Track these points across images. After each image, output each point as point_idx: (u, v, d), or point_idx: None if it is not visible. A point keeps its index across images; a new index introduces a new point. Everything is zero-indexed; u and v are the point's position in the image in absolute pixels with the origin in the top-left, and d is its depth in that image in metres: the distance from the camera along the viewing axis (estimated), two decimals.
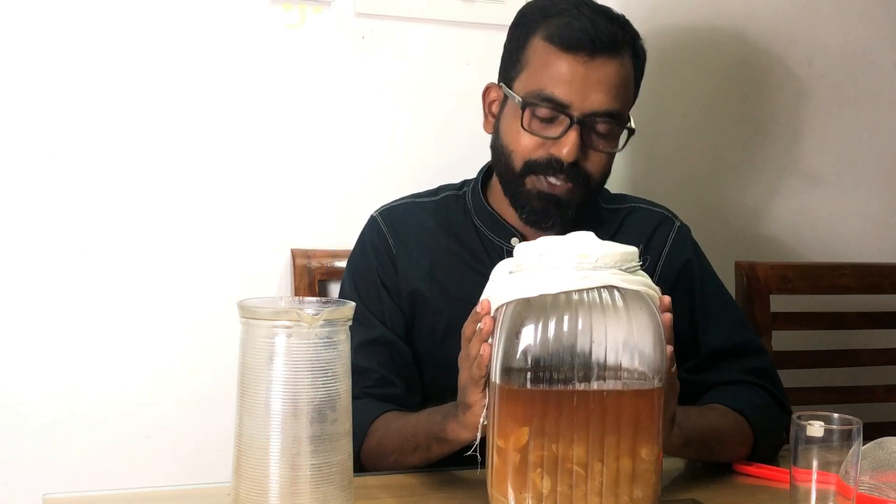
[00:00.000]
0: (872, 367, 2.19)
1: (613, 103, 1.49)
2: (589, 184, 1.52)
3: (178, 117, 1.83)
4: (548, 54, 1.49)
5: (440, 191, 1.66)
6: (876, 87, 2.30)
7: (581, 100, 1.47)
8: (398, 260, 1.58)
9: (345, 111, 1.92)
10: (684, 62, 2.15)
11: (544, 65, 1.49)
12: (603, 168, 1.53)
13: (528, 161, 1.50)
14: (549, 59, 1.49)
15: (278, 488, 1.08)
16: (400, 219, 1.62)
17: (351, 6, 1.90)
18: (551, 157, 1.49)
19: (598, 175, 1.53)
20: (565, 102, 1.47)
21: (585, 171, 1.51)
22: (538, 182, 1.50)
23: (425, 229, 1.61)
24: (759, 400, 1.52)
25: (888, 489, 1.24)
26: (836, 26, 2.25)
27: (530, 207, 1.52)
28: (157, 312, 1.84)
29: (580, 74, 1.47)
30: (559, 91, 1.47)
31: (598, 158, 1.51)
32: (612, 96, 1.48)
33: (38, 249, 1.77)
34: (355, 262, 1.62)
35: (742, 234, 2.22)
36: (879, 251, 2.32)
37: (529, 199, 1.51)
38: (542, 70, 1.49)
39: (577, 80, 1.47)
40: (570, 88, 1.47)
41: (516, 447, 1.13)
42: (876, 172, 2.32)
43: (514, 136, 1.51)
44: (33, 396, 1.78)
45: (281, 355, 1.08)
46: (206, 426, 1.85)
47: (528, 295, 1.14)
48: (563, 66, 1.47)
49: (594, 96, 1.47)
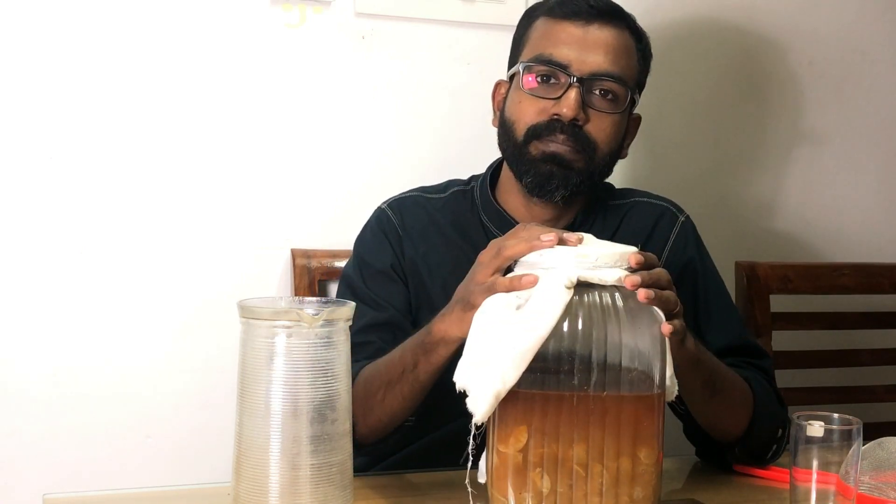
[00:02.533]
0: (872, 367, 2.19)
1: (612, 66, 1.51)
2: (594, 152, 1.52)
3: (178, 118, 1.83)
4: (547, 25, 1.54)
5: (448, 186, 1.66)
6: (876, 86, 2.30)
7: (580, 61, 1.50)
8: (406, 251, 1.58)
9: (345, 111, 1.92)
10: (684, 62, 2.15)
11: (544, 35, 1.54)
12: (607, 136, 1.53)
13: (531, 126, 1.51)
14: (549, 28, 1.54)
15: (278, 488, 1.08)
16: (409, 211, 1.62)
17: (351, 6, 1.90)
18: (553, 119, 1.50)
19: (602, 143, 1.52)
20: (564, 62, 1.50)
21: (589, 136, 1.51)
22: (541, 144, 1.51)
23: (433, 223, 1.61)
24: (763, 384, 1.51)
25: (888, 489, 1.24)
26: (836, 26, 2.25)
27: (534, 171, 1.52)
28: (158, 312, 1.84)
29: (578, 37, 1.51)
30: (558, 53, 1.51)
31: (602, 123, 1.52)
32: (611, 59, 1.51)
33: (38, 249, 1.77)
34: (362, 248, 1.62)
35: (742, 234, 2.22)
36: (879, 251, 2.32)
37: (534, 163, 1.51)
38: (542, 39, 1.54)
39: (576, 42, 1.51)
40: (570, 50, 1.50)
41: (516, 447, 1.13)
42: (876, 172, 2.32)
43: (517, 105, 1.53)
44: (33, 396, 1.78)
45: (281, 355, 1.08)
46: (206, 426, 1.85)
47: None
48: (561, 32, 1.52)
49: (593, 58, 1.50)
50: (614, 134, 1.54)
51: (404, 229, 1.60)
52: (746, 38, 2.19)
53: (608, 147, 1.54)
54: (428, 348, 1.33)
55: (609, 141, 1.53)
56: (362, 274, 1.58)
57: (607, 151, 1.54)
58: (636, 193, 1.67)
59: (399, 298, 1.56)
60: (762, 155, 2.23)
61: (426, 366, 1.34)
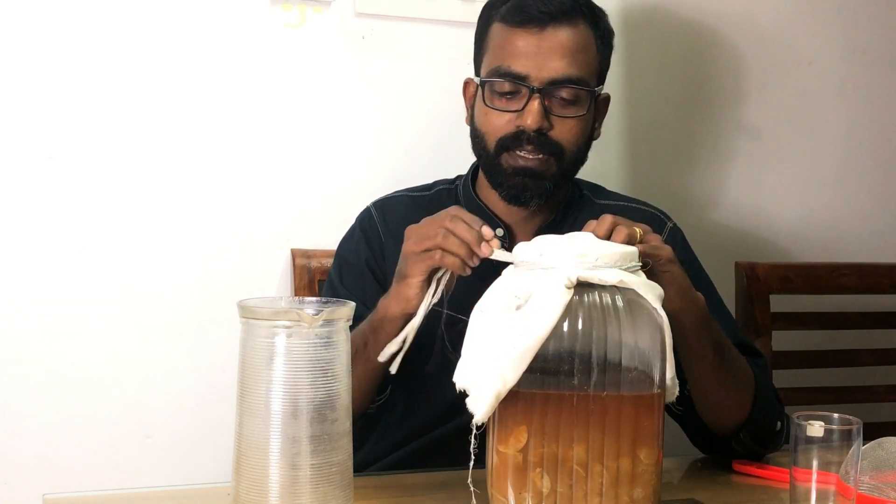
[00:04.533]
0: (872, 367, 2.19)
1: (570, 69, 1.51)
2: (563, 155, 1.54)
3: (178, 117, 1.83)
4: (503, 34, 1.54)
5: (435, 185, 1.70)
6: (876, 86, 2.30)
7: (538, 69, 1.50)
8: (386, 248, 1.60)
9: (345, 111, 1.92)
10: (684, 62, 2.15)
11: (500, 44, 1.54)
12: (574, 137, 1.54)
13: (499, 139, 1.53)
14: (505, 37, 1.54)
15: (278, 488, 1.08)
16: (393, 209, 1.65)
17: (351, 6, 1.90)
18: (518, 130, 1.51)
19: (569, 145, 1.54)
20: (522, 74, 1.51)
21: (555, 140, 1.52)
22: (511, 158, 1.53)
23: (416, 220, 1.62)
24: (761, 374, 1.52)
25: (888, 489, 1.24)
26: (836, 26, 2.25)
27: (507, 184, 1.54)
28: (157, 312, 1.84)
29: (534, 45, 1.51)
30: (516, 64, 1.51)
31: (567, 126, 1.53)
32: (569, 62, 1.51)
33: (38, 249, 1.77)
34: (343, 248, 1.67)
35: (742, 234, 2.22)
36: (879, 251, 2.32)
37: (506, 176, 1.54)
38: (499, 49, 1.54)
39: (531, 51, 1.51)
40: (527, 60, 1.51)
41: (516, 447, 1.13)
42: (876, 172, 2.32)
43: (484, 117, 1.55)
44: (33, 396, 1.78)
45: (281, 355, 1.08)
46: (206, 426, 1.85)
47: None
48: (517, 41, 1.52)
49: (550, 64, 1.50)
50: (581, 132, 1.56)
51: (386, 227, 1.63)
52: (746, 38, 2.19)
53: (576, 146, 1.55)
54: (375, 326, 1.39)
55: (576, 140, 1.55)
56: (340, 272, 1.63)
57: (576, 150, 1.56)
58: (626, 199, 1.69)
59: (374, 297, 1.57)
60: (762, 155, 2.23)
61: (375, 345, 1.38)
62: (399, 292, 1.35)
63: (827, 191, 2.28)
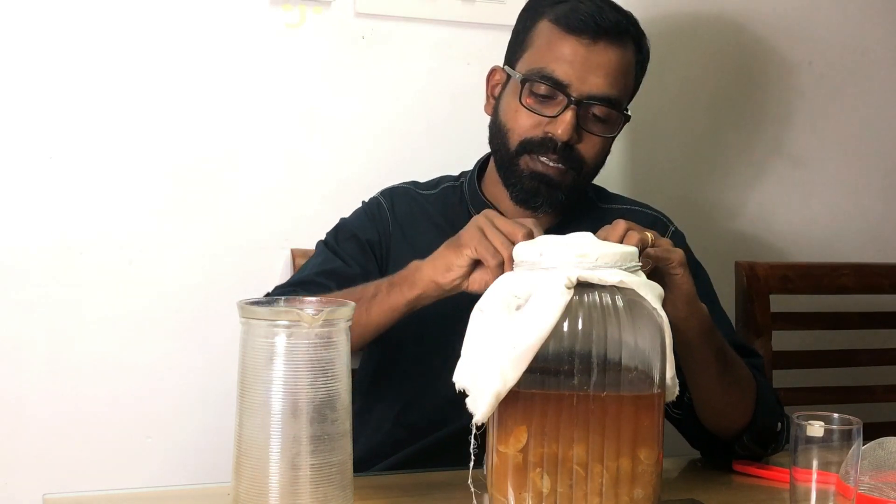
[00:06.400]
0: (872, 367, 2.19)
1: (612, 89, 1.51)
2: (582, 169, 1.53)
3: (178, 117, 1.83)
4: (552, 35, 1.52)
5: (440, 182, 1.69)
6: (876, 87, 2.30)
7: (580, 81, 1.49)
8: (393, 235, 1.60)
9: (344, 111, 1.92)
10: (684, 62, 2.15)
11: (548, 45, 1.52)
12: (597, 154, 1.54)
13: (523, 140, 1.52)
14: (553, 39, 1.52)
15: (278, 488, 1.08)
16: (400, 199, 1.65)
17: (351, 6, 1.90)
18: (546, 136, 1.51)
19: (591, 161, 1.54)
20: (564, 82, 1.49)
21: (579, 154, 1.52)
22: (532, 162, 1.52)
23: (422, 212, 1.64)
24: (759, 375, 1.52)
25: (888, 489, 1.24)
26: (836, 26, 2.25)
27: (521, 186, 1.54)
28: (157, 312, 1.84)
29: (581, 56, 1.49)
30: (560, 70, 1.49)
31: (593, 143, 1.53)
32: (611, 82, 1.50)
33: (38, 249, 1.77)
34: (345, 221, 1.65)
35: (742, 234, 2.22)
36: (879, 251, 2.32)
37: (521, 178, 1.53)
38: (546, 50, 1.52)
39: (579, 61, 1.49)
40: (571, 69, 1.49)
41: (516, 447, 1.13)
42: (876, 172, 2.32)
43: (513, 113, 1.53)
44: (33, 396, 1.78)
45: (281, 355, 1.08)
46: (206, 426, 1.85)
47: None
48: (565, 47, 1.50)
49: (594, 80, 1.49)
50: (604, 151, 1.56)
51: (394, 214, 1.62)
52: (746, 39, 2.19)
53: (596, 164, 1.56)
54: (395, 281, 1.36)
55: (598, 158, 1.55)
56: (337, 236, 1.62)
57: (594, 167, 1.56)
58: (629, 201, 1.69)
59: (369, 268, 1.56)
60: (762, 155, 2.23)
61: (384, 299, 1.36)
62: (444, 256, 1.30)
63: (827, 191, 2.28)
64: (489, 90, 1.62)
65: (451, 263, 1.29)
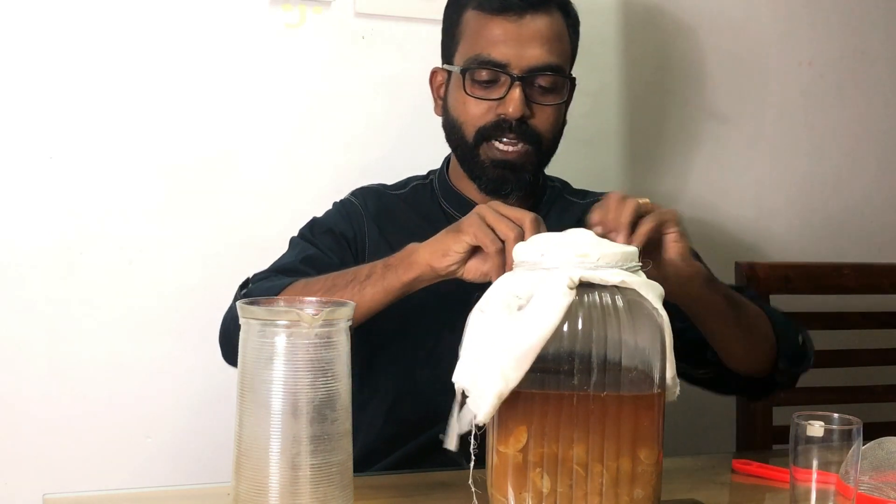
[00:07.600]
0: (872, 367, 2.19)
1: (550, 56, 1.53)
2: (541, 144, 1.55)
3: (178, 117, 1.83)
4: (479, 21, 1.54)
5: (408, 182, 1.71)
6: (876, 87, 2.30)
7: (518, 57, 1.51)
8: (369, 235, 1.61)
9: (344, 111, 1.92)
10: (684, 62, 2.15)
11: (478, 32, 1.54)
12: (552, 125, 1.56)
13: (479, 128, 1.54)
14: (482, 25, 1.54)
15: (278, 488, 1.07)
16: (372, 199, 1.66)
17: (351, 6, 1.90)
18: (499, 118, 1.52)
19: (548, 132, 1.55)
20: (503, 62, 1.51)
21: (535, 129, 1.54)
22: (490, 150, 1.54)
23: (396, 210, 1.65)
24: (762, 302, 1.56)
25: (888, 489, 1.24)
26: (836, 26, 2.25)
27: (486, 177, 1.55)
28: (157, 312, 1.84)
29: (513, 33, 1.52)
30: (496, 52, 1.52)
31: (546, 114, 1.54)
32: (548, 49, 1.52)
33: (38, 249, 1.77)
34: (320, 219, 1.65)
35: (742, 234, 2.22)
36: (879, 251, 2.32)
37: (485, 169, 1.55)
38: (477, 37, 1.54)
39: (511, 39, 1.51)
40: (506, 48, 1.51)
41: (516, 447, 1.13)
42: (876, 172, 2.32)
43: (462, 106, 1.55)
44: (33, 396, 1.78)
45: (281, 355, 1.08)
46: (206, 426, 1.85)
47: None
48: (495, 29, 1.52)
49: (530, 52, 1.51)
50: (557, 120, 1.58)
51: (368, 211, 1.63)
52: (746, 39, 2.19)
53: (553, 134, 1.57)
54: (391, 263, 1.36)
55: (554, 129, 1.57)
56: (313, 230, 1.62)
57: (552, 138, 1.58)
58: (595, 195, 1.69)
59: (346, 260, 1.57)
60: (762, 154, 2.23)
61: (378, 280, 1.36)
62: (442, 241, 1.31)
63: (827, 191, 2.28)
64: (435, 92, 1.64)
65: (448, 248, 1.30)
